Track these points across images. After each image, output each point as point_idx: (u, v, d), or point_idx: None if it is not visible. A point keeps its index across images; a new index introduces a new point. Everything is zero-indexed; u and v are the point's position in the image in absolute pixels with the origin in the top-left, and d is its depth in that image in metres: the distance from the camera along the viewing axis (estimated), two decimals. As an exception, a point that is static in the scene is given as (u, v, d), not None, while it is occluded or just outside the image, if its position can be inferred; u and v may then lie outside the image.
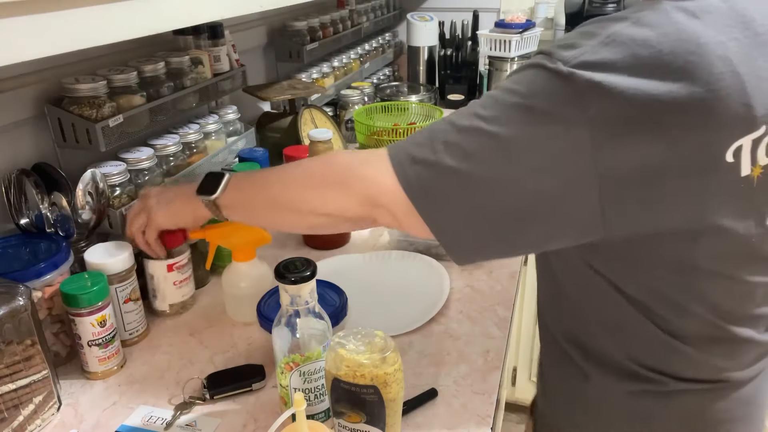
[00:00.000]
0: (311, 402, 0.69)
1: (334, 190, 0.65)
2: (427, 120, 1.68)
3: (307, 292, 0.64)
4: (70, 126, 0.89)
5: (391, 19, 2.22)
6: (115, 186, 0.93)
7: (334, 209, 0.66)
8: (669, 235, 0.56)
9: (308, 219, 0.69)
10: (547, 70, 0.54)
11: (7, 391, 0.68)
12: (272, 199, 0.72)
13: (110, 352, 0.81)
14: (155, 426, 0.73)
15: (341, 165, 0.66)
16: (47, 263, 0.77)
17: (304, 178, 0.69)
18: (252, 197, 0.74)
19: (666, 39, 0.52)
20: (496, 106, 0.57)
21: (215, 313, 0.95)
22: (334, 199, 0.65)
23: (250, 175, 0.76)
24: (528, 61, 0.58)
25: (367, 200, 0.63)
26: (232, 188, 0.74)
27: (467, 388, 0.78)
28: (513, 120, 0.55)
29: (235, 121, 1.26)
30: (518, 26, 1.80)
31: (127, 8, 0.57)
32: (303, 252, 1.14)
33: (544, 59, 0.55)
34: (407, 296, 0.99)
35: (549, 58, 0.54)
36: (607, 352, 0.67)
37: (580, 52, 0.53)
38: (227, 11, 0.75)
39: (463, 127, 0.58)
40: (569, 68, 0.52)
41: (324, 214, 0.67)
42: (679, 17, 0.53)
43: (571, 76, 0.52)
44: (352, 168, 0.64)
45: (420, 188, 0.59)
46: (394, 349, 0.61)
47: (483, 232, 0.58)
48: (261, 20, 1.53)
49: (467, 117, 0.58)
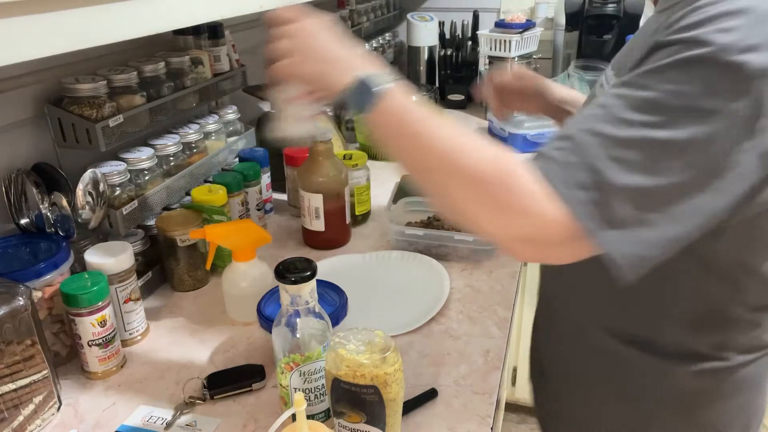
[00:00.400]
0: (311, 402, 0.69)
1: (491, 210, 0.57)
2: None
3: (307, 292, 0.64)
4: (70, 126, 0.89)
5: (391, 19, 2.22)
6: (115, 186, 0.93)
7: (478, 221, 0.58)
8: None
9: (442, 198, 0.61)
10: (710, 62, 0.50)
11: (7, 391, 0.68)
12: (418, 163, 0.61)
13: (110, 352, 0.81)
14: (155, 426, 0.73)
15: (517, 188, 0.55)
16: (47, 263, 0.77)
17: (468, 171, 0.57)
18: (398, 142, 0.63)
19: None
20: (658, 109, 0.52)
21: (215, 313, 0.95)
22: (485, 216, 0.57)
23: (405, 117, 0.62)
24: (681, 55, 0.52)
25: (519, 238, 0.57)
26: (382, 116, 0.63)
27: (467, 388, 0.78)
28: (684, 121, 0.51)
29: (235, 121, 1.26)
30: (518, 26, 1.79)
31: (127, 8, 0.57)
32: (303, 252, 1.14)
33: (701, 49, 0.50)
34: (407, 296, 0.99)
35: (706, 46, 0.50)
36: (671, 341, 0.69)
37: (741, 36, 0.49)
38: (227, 11, 0.75)
39: (623, 139, 0.52)
40: (735, 57, 0.49)
41: (463, 213, 0.59)
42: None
43: (738, 66, 0.49)
44: (522, 196, 0.55)
45: (601, 218, 0.53)
46: (394, 349, 0.61)
47: (665, 241, 0.54)
48: (261, 20, 1.53)
49: (620, 126, 0.53)
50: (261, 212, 1.22)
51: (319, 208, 1.10)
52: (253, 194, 1.18)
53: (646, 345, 0.71)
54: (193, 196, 1.03)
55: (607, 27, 1.82)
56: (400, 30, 2.32)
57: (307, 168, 1.09)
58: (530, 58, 1.89)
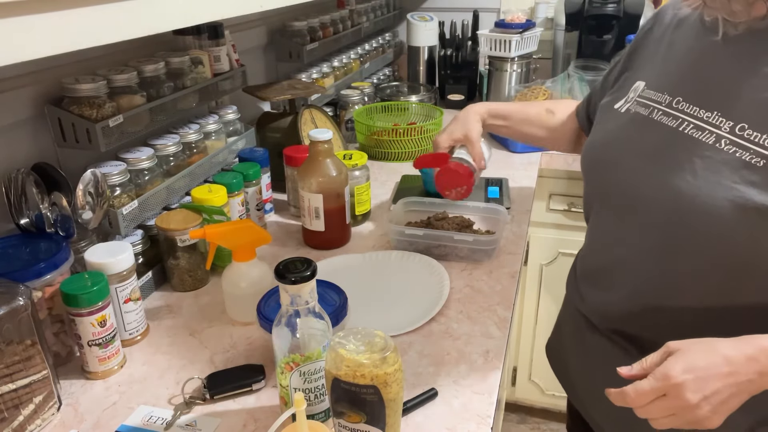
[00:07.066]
0: (311, 402, 0.69)
1: None
2: (428, 120, 1.69)
3: (307, 292, 0.64)
4: (70, 126, 0.89)
5: (391, 19, 2.22)
6: (115, 186, 0.93)
7: None
8: None
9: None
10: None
11: (7, 391, 0.68)
12: None
13: (110, 352, 0.81)
14: (155, 426, 0.73)
15: None
16: (47, 263, 0.77)
17: None
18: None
19: None
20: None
21: (215, 313, 0.95)
22: None
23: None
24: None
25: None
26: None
27: (467, 388, 0.78)
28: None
29: (235, 121, 1.26)
30: (518, 26, 1.79)
31: (127, 8, 0.57)
32: (303, 252, 1.14)
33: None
34: (407, 296, 0.99)
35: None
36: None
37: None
38: (227, 11, 0.75)
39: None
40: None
41: None
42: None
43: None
44: None
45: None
46: (394, 349, 0.61)
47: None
48: (261, 20, 1.53)
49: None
50: (261, 212, 1.22)
51: (319, 208, 1.10)
52: (253, 194, 1.18)
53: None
54: (193, 196, 1.04)
55: (607, 27, 1.82)
56: (400, 30, 2.32)
57: (307, 168, 1.09)
58: (530, 58, 1.89)
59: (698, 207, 0.65)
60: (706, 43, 0.73)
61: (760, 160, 0.62)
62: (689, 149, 0.68)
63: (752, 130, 0.64)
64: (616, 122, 0.80)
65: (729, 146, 0.65)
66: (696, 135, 0.68)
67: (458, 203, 1.20)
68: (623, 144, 0.77)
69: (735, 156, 0.64)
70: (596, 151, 0.82)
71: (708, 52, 0.72)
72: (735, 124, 0.65)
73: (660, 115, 0.73)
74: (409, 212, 1.22)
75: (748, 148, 0.63)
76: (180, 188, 1.05)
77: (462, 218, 1.16)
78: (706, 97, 0.70)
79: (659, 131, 0.72)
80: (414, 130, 1.56)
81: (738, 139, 0.64)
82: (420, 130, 1.57)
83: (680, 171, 0.67)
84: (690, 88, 0.72)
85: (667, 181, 0.68)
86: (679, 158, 0.68)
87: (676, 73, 0.76)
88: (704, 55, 0.73)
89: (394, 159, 1.58)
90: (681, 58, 0.76)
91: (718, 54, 0.71)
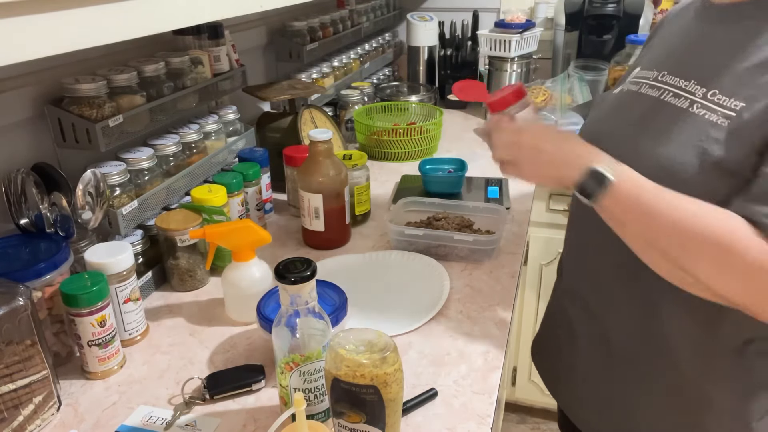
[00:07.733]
0: (311, 402, 0.69)
1: (740, 290, 0.62)
2: (427, 120, 1.69)
3: (307, 292, 0.64)
4: (70, 126, 0.89)
5: (391, 19, 2.22)
6: (115, 186, 0.93)
7: (724, 294, 0.64)
8: None
9: (694, 287, 0.67)
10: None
11: (7, 391, 0.68)
12: (658, 245, 0.66)
13: (110, 352, 0.81)
14: (155, 426, 0.73)
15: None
16: (47, 263, 0.77)
17: (717, 258, 0.62)
18: (633, 226, 0.68)
19: None
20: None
21: (215, 313, 0.95)
22: (733, 290, 0.63)
23: (641, 199, 0.66)
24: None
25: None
26: (613, 200, 0.67)
27: (467, 388, 0.78)
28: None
29: (235, 121, 1.26)
30: (518, 26, 1.79)
31: (127, 8, 0.57)
32: (303, 252, 1.14)
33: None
34: (407, 296, 0.99)
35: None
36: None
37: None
38: (227, 11, 0.75)
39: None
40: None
41: (708, 290, 0.65)
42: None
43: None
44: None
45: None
46: (394, 349, 0.61)
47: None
48: (261, 20, 1.53)
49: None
50: (261, 212, 1.22)
51: (319, 208, 1.10)
52: (252, 194, 1.18)
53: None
54: (192, 196, 1.04)
55: (606, 27, 1.82)
56: (400, 30, 2.32)
57: (307, 168, 1.09)
58: (530, 58, 1.89)
59: (674, 169, 0.68)
60: (693, 23, 0.78)
61: (725, 121, 0.66)
62: (668, 115, 0.72)
63: (722, 95, 0.67)
64: (611, 102, 0.84)
65: (700, 110, 0.68)
66: (673, 101, 0.72)
67: (458, 203, 1.21)
68: (614, 118, 0.81)
69: (705, 118, 0.67)
70: (592, 126, 0.86)
71: (693, 31, 0.77)
72: (708, 90, 0.69)
73: (647, 89, 0.77)
74: (409, 212, 1.22)
75: (716, 111, 0.67)
76: (180, 188, 1.05)
77: (462, 218, 1.16)
78: (686, 68, 0.74)
79: (644, 102, 0.76)
80: (414, 130, 1.56)
81: (709, 103, 0.68)
82: (420, 130, 1.57)
83: (658, 135, 0.71)
84: (674, 63, 0.77)
85: (649, 147, 0.72)
86: (658, 124, 0.73)
87: (665, 52, 0.80)
88: (690, 33, 0.78)
89: (394, 159, 1.58)
90: (671, 39, 0.82)
91: (702, 31, 0.76)
